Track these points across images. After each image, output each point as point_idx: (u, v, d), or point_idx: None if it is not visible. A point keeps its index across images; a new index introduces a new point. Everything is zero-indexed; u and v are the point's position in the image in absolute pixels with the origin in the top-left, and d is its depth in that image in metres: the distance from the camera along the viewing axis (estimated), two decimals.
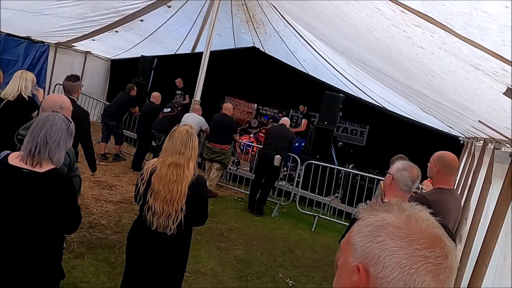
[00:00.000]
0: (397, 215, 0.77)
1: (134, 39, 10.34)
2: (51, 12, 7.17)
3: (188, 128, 2.75)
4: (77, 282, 3.60)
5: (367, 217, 0.80)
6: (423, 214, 0.78)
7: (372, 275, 0.74)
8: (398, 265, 0.71)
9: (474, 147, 4.56)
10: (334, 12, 2.62)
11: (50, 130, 2.11)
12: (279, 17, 8.87)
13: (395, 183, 2.40)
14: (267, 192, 7.04)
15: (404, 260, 0.71)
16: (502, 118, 1.83)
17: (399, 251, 0.72)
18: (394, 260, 0.72)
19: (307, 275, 4.80)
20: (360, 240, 0.78)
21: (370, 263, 0.74)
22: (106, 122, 8.02)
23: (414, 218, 0.76)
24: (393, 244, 0.73)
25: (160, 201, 2.55)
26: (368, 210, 0.82)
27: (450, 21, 1.04)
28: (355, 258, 0.78)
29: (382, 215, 0.78)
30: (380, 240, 0.74)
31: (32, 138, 2.08)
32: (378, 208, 0.81)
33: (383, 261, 0.72)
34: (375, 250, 0.74)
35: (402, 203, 0.80)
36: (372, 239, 0.75)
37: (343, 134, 10.71)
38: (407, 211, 0.77)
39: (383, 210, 0.79)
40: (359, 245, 0.77)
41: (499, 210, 2.09)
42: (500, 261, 1.64)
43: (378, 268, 0.73)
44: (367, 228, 0.78)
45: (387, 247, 0.73)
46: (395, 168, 2.46)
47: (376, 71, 4.31)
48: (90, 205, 5.46)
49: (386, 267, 0.72)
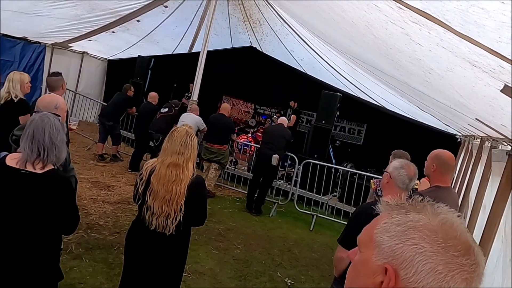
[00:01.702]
0: (431, 217, 0.73)
1: (131, 39, 10.32)
2: (47, 13, 7.15)
3: (188, 128, 2.75)
4: (75, 283, 3.59)
5: (395, 215, 0.76)
6: (457, 219, 0.75)
7: (402, 278, 0.70)
8: (434, 271, 0.68)
9: (472, 145, 4.57)
10: (332, 9, 2.62)
11: (53, 131, 2.13)
12: (276, 16, 8.87)
13: (393, 181, 2.41)
14: (265, 191, 7.04)
15: (440, 267, 0.68)
16: (499, 116, 1.83)
17: (435, 257, 0.69)
18: (430, 265, 0.69)
19: (305, 274, 4.80)
20: (388, 240, 0.74)
21: (400, 265, 0.71)
22: (103, 122, 8.00)
23: (449, 222, 0.73)
24: (429, 248, 0.69)
25: (159, 201, 2.54)
26: (395, 207, 0.78)
27: (448, 18, 1.04)
28: (379, 257, 0.74)
29: (414, 216, 0.74)
30: (414, 243, 0.71)
31: (37, 142, 2.08)
32: (408, 206, 0.77)
33: (417, 265, 0.69)
34: (408, 252, 0.71)
35: (433, 204, 0.77)
36: (405, 241, 0.72)
37: (340, 133, 10.72)
38: (441, 214, 0.74)
39: (415, 210, 0.75)
40: (387, 245, 0.73)
41: (496, 208, 2.10)
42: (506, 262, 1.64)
43: (410, 272, 0.70)
44: (397, 228, 0.74)
45: (421, 251, 0.70)
46: (392, 167, 2.46)
47: (374, 68, 4.31)
48: (87, 205, 5.44)
49: (419, 271, 0.69)
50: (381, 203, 0.81)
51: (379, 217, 0.79)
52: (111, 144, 8.28)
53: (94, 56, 11.32)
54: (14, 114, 3.80)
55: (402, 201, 0.79)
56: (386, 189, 2.46)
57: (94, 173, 7.01)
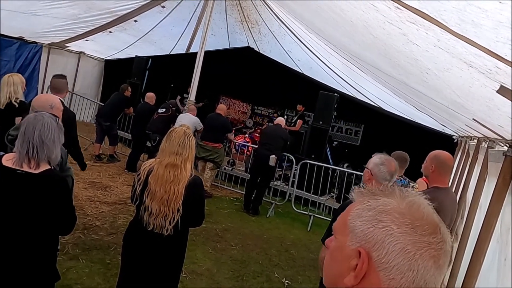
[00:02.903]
0: (399, 201, 0.77)
1: (128, 39, 10.29)
2: (44, 12, 7.12)
3: (186, 129, 2.75)
4: (71, 284, 3.57)
5: (367, 201, 0.79)
6: (423, 201, 0.79)
7: (375, 259, 0.74)
8: (403, 251, 0.72)
9: (468, 146, 4.59)
10: (331, 8, 2.63)
11: (43, 129, 2.10)
12: (274, 17, 8.87)
13: (374, 178, 2.41)
14: (262, 192, 7.04)
15: (409, 246, 0.72)
16: (496, 116, 1.84)
17: (404, 237, 0.73)
18: (399, 245, 0.72)
19: (302, 274, 4.81)
20: (360, 225, 0.77)
21: (372, 248, 0.74)
22: (100, 123, 7.97)
23: (416, 204, 0.76)
24: (398, 230, 0.73)
25: (157, 201, 2.54)
26: (367, 194, 0.81)
27: (445, 17, 1.04)
28: (353, 242, 0.78)
29: (384, 200, 0.78)
30: (384, 226, 0.74)
31: (27, 141, 2.06)
32: (378, 192, 0.80)
33: (388, 246, 0.73)
34: (379, 235, 0.74)
35: (402, 188, 0.81)
36: (376, 224, 0.75)
37: (338, 133, 10.74)
38: (408, 197, 0.78)
39: (384, 195, 0.79)
40: (360, 229, 0.77)
41: (493, 208, 2.10)
42: (502, 262, 1.65)
43: (382, 253, 0.73)
44: (368, 213, 0.77)
45: (391, 233, 0.73)
46: (373, 163, 2.45)
47: (372, 68, 4.32)
48: (84, 206, 5.42)
49: (390, 252, 0.73)
50: (353, 191, 0.85)
51: (352, 204, 0.83)
52: (108, 144, 8.26)
53: (91, 56, 11.28)
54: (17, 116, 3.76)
55: (373, 188, 0.83)
56: (368, 186, 2.46)
57: (91, 174, 6.98)
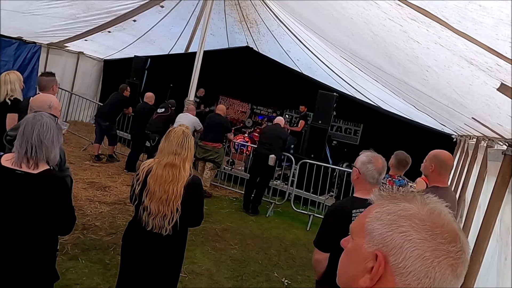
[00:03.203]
0: (420, 207, 0.77)
1: (127, 39, 10.27)
2: (42, 12, 7.10)
3: (184, 128, 2.75)
4: (71, 284, 3.57)
5: (387, 205, 0.79)
6: (444, 208, 0.78)
7: (392, 264, 0.74)
8: (421, 257, 0.72)
9: (467, 145, 4.59)
10: (331, 5, 2.62)
11: (42, 129, 2.10)
12: (272, 16, 8.87)
13: (362, 177, 2.39)
14: (262, 191, 7.03)
15: (427, 253, 0.72)
16: (496, 115, 1.84)
17: (423, 244, 0.72)
18: (417, 252, 0.72)
19: (302, 274, 4.80)
20: (379, 228, 0.77)
21: (390, 252, 0.74)
22: (100, 123, 7.96)
23: (437, 211, 0.76)
24: (417, 236, 0.73)
25: (156, 201, 2.53)
26: (387, 197, 0.81)
27: (446, 14, 1.04)
28: (370, 245, 0.77)
29: (405, 205, 0.77)
30: (404, 231, 0.74)
31: (26, 140, 2.06)
32: (399, 196, 0.80)
33: (406, 251, 0.73)
34: (397, 239, 0.74)
35: (423, 194, 0.81)
36: (395, 229, 0.75)
37: (337, 133, 10.75)
38: (430, 204, 0.78)
39: (405, 200, 0.79)
40: (378, 233, 0.77)
41: (492, 207, 2.10)
42: (502, 261, 1.64)
43: (399, 258, 0.73)
44: (388, 216, 0.77)
45: (410, 239, 0.73)
46: (360, 162, 2.43)
47: (372, 66, 4.32)
48: (84, 206, 5.41)
49: (408, 257, 0.73)
50: (374, 194, 0.85)
51: (371, 206, 0.83)
52: (107, 144, 8.25)
53: (90, 56, 11.26)
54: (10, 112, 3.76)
55: (393, 192, 0.83)
56: (357, 185, 2.44)
57: (90, 174, 6.98)
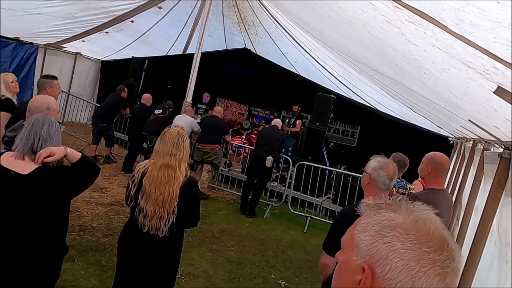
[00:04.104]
0: (405, 216, 0.75)
1: (125, 40, 10.26)
2: (39, 11, 7.08)
3: (179, 129, 2.74)
4: (67, 286, 3.55)
5: (373, 215, 0.78)
6: (431, 215, 0.77)
7: (378, 275, 0.73)
8: (406, 268, 0.70)
9: (464, 148, 4.60)
10: (329, 7, 2.63)
11: (52, 126, 2.25)
12: (270, 18, 8.88)
13: (373, 182, 2.39)
14: (259, 193, 7.03)
15: (412, 263, 0.70)
16: (492, 117, 1.84)
17: (407, 254, 0.71)
18: (402, 262, 0.71)
19: (299, 276, 4.80)
20: (365, 239, 0.76)
21: (376, 264, 0.73)
22: (97, 124, 7.94)
23: (422, 219, 0.75)
24: (401, 246, 0.72)
25: (152, 203, 2.53)
26: (374, 208, 0.80)
27: (443, 17, 1.04)
28: (359, 257, 0.77)
29: (389, 215, 0.76)
30: (388, 241, 0.73)
31: (34, 133, 2.17)
32: (385, 206, 0.79)
33: (391, 262, 0.71)
34: (382, 250, 0.73)
35: (409, 203, 0.79)
36: (380, 239, 0.74)
37: (334, 135, 10.76)
38: (415, 212, 0.76)
39: (390, 209, 0.77)
40: (364, 244, 0.76)
41: (488, 209, 2.11)
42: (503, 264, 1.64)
43: (385, 269, 0.72)
44: (373, 227, 0.76)
45: (395, 249, 0.72)
46: (371, 167, 2.42)
47: (369, 69, 4.32)
48: (80, 207, 5.39)
49: (393, 268, 0.71)
50: (362, 204, 0.84)
51: (359, 218, 0.82)
52: (105, 145, 8.23)
53: (87, 57, 11.24)
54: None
55: (380, 201, 0.81)
56: (368, 190, 2.43)
57: None
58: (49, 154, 2.11)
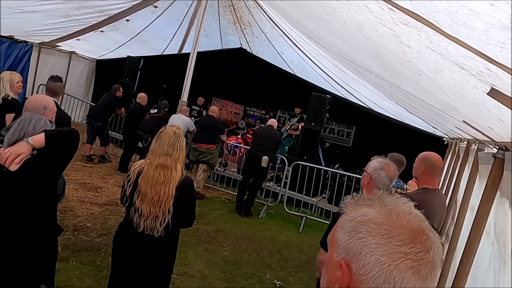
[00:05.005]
0: (379, 210, 0.76)
1: (120, 39, 10.22)
2: (34, 9, 7.03)
3: (176, 129, 2.73)
4: (61, 286, 3.52)
5: (350, 212, 0.79)
6: (405, 208, 0.77)
7: (354, 271, 0.73)
8: (378, 263, 0.71)
9: (458, 148, 4.63)
10: (323, 8, 2.63)
11: (40, 122, 2.27)
12: (266, 18, 8.89)
13: (373, 182, 2.40)
14: (254, 193, 7.03)
15: (383, 257, 0.71)
16: (486, 118, 1.86)
17: (378, 248, 0.71)
18: (374, 257, 0.71)
19: (294, 275, 4.81)
20: (342, 236, 0.77)
21: (352, 260, 0.74)
22: (91, 123, 7.90)
23: (395, 213, 0.75)
24: (373, 241, 0.72)
25: (147, 203, 2.52)
26: (352, 204, 0.81)
27: (437, 19, 1.05)
28: (338, 254, 0.78)
29: (364, 210, 0.77)
30: (361, 237, 0.74)
31: (20, 129, 2.20)
32: (362, 202, 0.80)
33: (364, 258, 0.72)
34: (356, 246, 0.74)
35: (385, 197, 0.79)
36: (354, 235, 0.75)
37: (330, 135, 10.78)
38: (388, 205, 0.76)
39: (366, 205, 0.78)
40: (342, 241, 0.77)
41: (482, 209, 2.12)
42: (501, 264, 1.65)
43: (359, 265, 0.73)
44: (349, 224, 0.77)
45: (367, 244, 0.73)
46: (372, 167, 2.44)
47: (364, 70, 4.34)
48: (75, 207, 5.36)
49: (366, 264, 0.72)
50: (343, 202, 0.84)
51: (341, 216, 0.83)
52: (99, 145, 8.19)
53: (82, 56, 11.18)
54: (3, 113, 3.74)
55: (358, 198, 0.82)
56: (367, 190, 2.44)
57: (81, 175, 6.92)
58: (15, 157, 2.10)
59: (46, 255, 2.38)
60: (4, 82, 4.03)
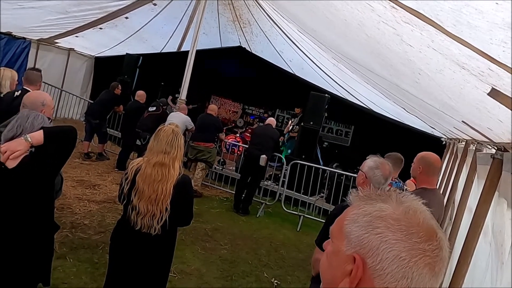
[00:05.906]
0: (395, 206, 0.76)
1: (119, 36, 10.18)
2: (33, 5, 7.00)
3: (174, 127, 2.72)
4: (58, 283, 3.52)
5: (363, 206, 0.79)
6: (420, 206, 0.78)
7: (369, 266, 0.73)
8: (397, 258, 0.71)
9: (457, 148, 4.64)
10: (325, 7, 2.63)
11: (37, 118, 2.29)
12: (266, 17, 8.87)
13: (368, 181, 2.40)
14: (252, 191, 7.03)
15: (403, 253, 0.71)
16: (485, 119, 1.86)
17: (398, 244, 0.72)
18: (393, 253, 0.72)
19: (292, 274, 4.81)
20: (356, 230, 0.77)
21: (367, 254, 0.74)
22: (90, 120, 7.89)
23: (413, 210, 0.76)
24: (392, 236, 0.72)
25: (145, 201, 2.51)
26: (364, 198, 0.81)
27: (441, 18, 1.05)
28: (349, 247, 0.77)
29: (380, 205, 0.77)
30: (379, 232, 0.74)
31: (17, 126, 2.20)
32: (375, 197, 0.80)
33: (382, 253, 0.72)
34: (374, 241, 0.74)
35: (399, 193, 0.80)
36: (371, 230, 0.75)
37: (328, 134, 10.79)
38: (405, 202, 0.77)
39: (381, 200, 0.78)
40: (355, 235, 0.76)
41: (480, 210, 2.13)
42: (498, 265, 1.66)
43: (376, 260, 0.73)
44: (364, 218, 0.77)
45: (386, 239, 0.73)
46: (367, 166, 2.44)
47: (364, 69, 4.33)
48: (72, 204, 5.35)
49: (384, 259, 0.72)
50: (351, 195, 0.84)
51: (348, 208, 0.83)
52: (97, 142, 8.17)
53: (81, 53, 11.14)
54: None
55: (370, 192, 0.82)
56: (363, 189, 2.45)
57: (79, 172, 6.90)
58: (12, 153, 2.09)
59: (42, 252, 2.39)
60: (5, 79, 4.03)
